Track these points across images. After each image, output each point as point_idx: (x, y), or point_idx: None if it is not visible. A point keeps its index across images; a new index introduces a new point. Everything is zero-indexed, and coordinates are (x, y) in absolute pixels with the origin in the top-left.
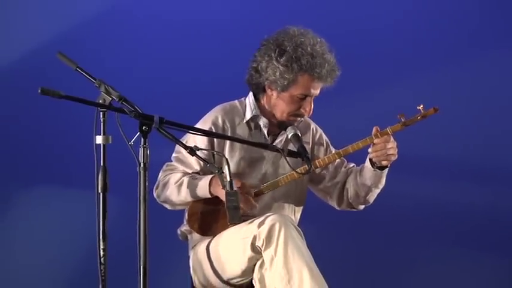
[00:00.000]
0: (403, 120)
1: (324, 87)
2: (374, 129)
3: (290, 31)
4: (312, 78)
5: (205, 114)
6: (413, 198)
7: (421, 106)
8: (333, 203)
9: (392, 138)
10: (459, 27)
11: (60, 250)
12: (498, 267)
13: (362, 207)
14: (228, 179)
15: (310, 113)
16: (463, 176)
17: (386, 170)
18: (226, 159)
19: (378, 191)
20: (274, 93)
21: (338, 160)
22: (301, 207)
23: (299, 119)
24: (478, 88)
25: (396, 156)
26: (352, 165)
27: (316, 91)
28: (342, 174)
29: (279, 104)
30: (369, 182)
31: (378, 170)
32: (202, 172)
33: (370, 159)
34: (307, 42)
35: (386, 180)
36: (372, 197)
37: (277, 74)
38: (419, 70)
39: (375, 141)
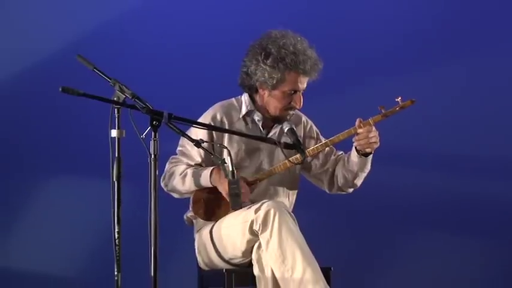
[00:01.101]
0: (383, 111)
1: (310, 80)
2: (357, 121)
3: (272, 34)
4: (297, 75)
5: (205, 110)
6: (400, 187)
7: (399, 98)
8: (324, 188)
9: (374, 128)
10: (439, 27)
11: (79, 233)
12: (481, 250)
13: (351, 190)
14: (230, 168)
15: (301, 106)
16: (445, 166)
17: (371, 156)
18: (229, 150)
19: (364, 175)
20: (266, 92)
21: (328, 149)
22: (295, 191)
23: (291, 112)
24: (455, 83)
25: (378, 143)
26: (340, 153)
27: (303, 85)
28: (331, 161)
29: (271, 101)
30: (356, 167)
31: (363, 157)
32: (204, 164)
33: (356, 148)
34: (288, 43)
35: (374, 170)
36: (359, 181)
37: (266, 75)
38: (400, 67)
39: (358, 131)
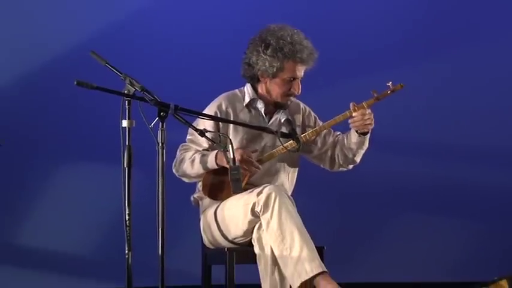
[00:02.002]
0: (375, 95)
1: (307, 69)
2: (351, 105)
3: (270, 28)
4: (295, 63)
5: (210, 102)
6: (389, 173)
7: (390, 82)
8: (326, 167)
9: (368, 110)
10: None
11: (93, 215)
12: (464, 231)
13: (351, 166)
14: (231, 156)
15: (299, 92)
16: (430, 153)
17: (368, 135)
18: (230, 139)
19: (362, 152)
20: (267, 81)
21: (325, 131)
22: (296, 169)
23: (292, 98)
24: (440, 76)
25: (373, 124)
26: (338, 133)
27: (300, 73)
28: (330, 143)
29: (273, 88)
30: (354, 146)
31: (361, 136)
32: (211, 149)
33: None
34: (286, 34)
35: (366, 157)
36: (359, 158)
37: (267, 64)
38: (390, 58)
39: (353, 114)
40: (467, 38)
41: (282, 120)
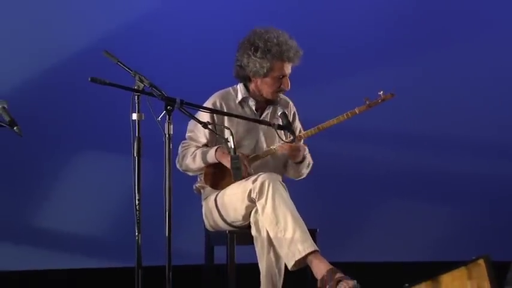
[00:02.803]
0: (367, 102)
1: (293, 66)
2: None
3: (257, 31)
4: (283, 62)
5: (207, 98)
6: (378, 160)
7: (381, 92)
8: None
9: (299, 144)
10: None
11: (105, 200)
12: (443, 213)
13: (296, 179)
14: (232, 146)
15: (289, 87)
16: (413, 144)
17: (303, 162)
18: (231, 131)
19: (301, 175)
20: (259, 80)
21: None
22: (286, 162)
23: (281, 94)
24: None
25: (300, 157)
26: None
27: (288, 70)
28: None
29: (264, 86)
30: (292, 168)
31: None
32: (209, 144)
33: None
34: (272, 36)
35: (358, 147)
36: (299, 177)
37: (257, 65)
38: (380, 64)
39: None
40: (440, 39)
41: (279, 114)
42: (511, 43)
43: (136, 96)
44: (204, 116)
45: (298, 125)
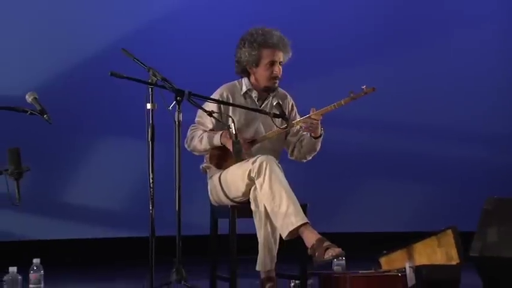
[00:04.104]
0: (352, 95)
1: (285, 56)
2: (311, 110)
3: (248, 30)
4: (269, 48)
5: (215, 90)
6: (363, 143)
7: (364, 86)
8: (288, 152)
9: (316, 119)
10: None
11: (124, 178)
12: (416, 188)
13: (304, 161)
14: (234, 132)
15: (280, 73)
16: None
17: (320, 138)
18: (233, 119)
19: (314, 153)
20: (254, 69)
21: (298, 126)
22: (282, 146)
23: (277, 80)
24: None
25: (318, 132)
26: (305, 133)
27: (278, 57)
28: (298, 135)
29: (259, 75)
30: (306, 147)
31: (312, 139)
32: (215, 129)
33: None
34: (258, 29)
35: (351, 132)
36: (310, 156)
37: (247, 54)
38: (364, 60)
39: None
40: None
41: (274, 104)
42: (481, 39)
43: (150, 89)
44: (210, 105)
45: (296, 115)
